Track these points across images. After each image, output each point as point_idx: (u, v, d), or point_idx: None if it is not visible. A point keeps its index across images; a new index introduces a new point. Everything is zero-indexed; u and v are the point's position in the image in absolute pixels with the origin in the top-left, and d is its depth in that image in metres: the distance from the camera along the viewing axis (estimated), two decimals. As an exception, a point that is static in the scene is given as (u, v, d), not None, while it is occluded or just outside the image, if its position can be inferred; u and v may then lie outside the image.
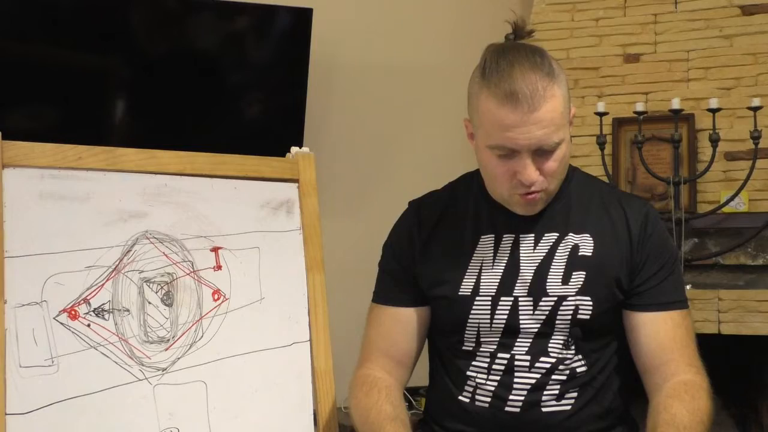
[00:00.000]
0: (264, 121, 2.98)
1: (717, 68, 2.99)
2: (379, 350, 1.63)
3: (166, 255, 1.59)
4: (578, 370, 1.53)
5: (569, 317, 1.51)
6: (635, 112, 2.80)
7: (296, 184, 1.73)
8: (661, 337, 1.53)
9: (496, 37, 1.60)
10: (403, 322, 1.63)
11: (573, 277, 1.52)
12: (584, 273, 1.53)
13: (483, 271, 1.56)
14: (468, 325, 1.56)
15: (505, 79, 1.43)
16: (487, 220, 1.60)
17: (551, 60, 1.48)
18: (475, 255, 1.58)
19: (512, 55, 1.47)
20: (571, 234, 1.56)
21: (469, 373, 1.56)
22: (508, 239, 1.57)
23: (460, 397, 1.57)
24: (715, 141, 2.75)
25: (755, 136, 2.71)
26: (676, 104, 2.76)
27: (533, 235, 1.56)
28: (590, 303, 1.52)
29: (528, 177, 1.46)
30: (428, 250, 1.61)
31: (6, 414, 1.40)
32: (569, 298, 1.52)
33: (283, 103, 2.99)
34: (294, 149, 1.76)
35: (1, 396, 1.40)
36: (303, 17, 2.92)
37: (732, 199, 2.79)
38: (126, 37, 2.79)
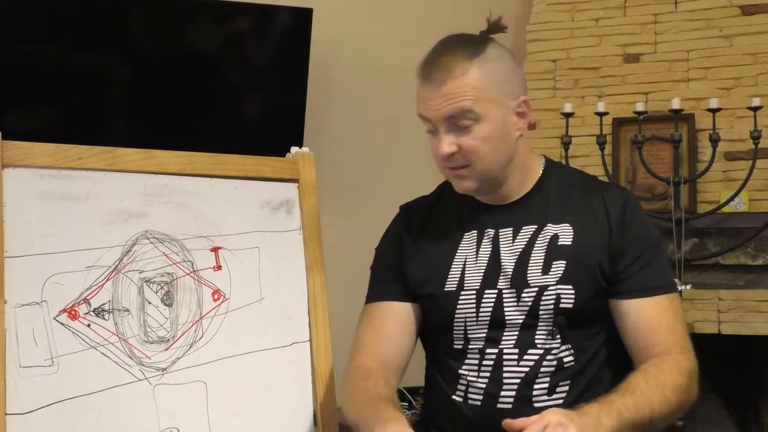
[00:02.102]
0: (264, 121, 2.98)
1: (717, 68, 2.99)
2: (369, 346, 1.63)
3: (166, 255, 1.59)
4: (565, 360, 1.54)
5: (551, 307, 1.53)
6: (635, 112, 2.80)
7: (296, 184, 1.73)
8: (647, 321, 1.54)
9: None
10: (394, 316, 1.63)
11: (553, 266, 1.54)
12: (564, 262, 1.54)
13: (467, 266, 1.59)
14: (455, 320, 1.57)
15: (427, 58, 1.55)
16: (470, 217, 1.62)
17: (490, 47, 1.57)
18: (459, 251, 1.60)
19: (449, 39, 1.59)
20: (549, 225, 1.58)
21: (460, 371, 1.57)
22: (489, 234, 1.60)
23: (454, 397, 1.58)
24: (715, 141, 2.75)
25: (755, 136, 2.71)
26: (676, 104, 2.76)
27: (512, 228, 1.59)
28: (572, 291, 1.53)
29: (437, 148, 1.54)
30: (415, 251, 1.64)
31: (6, 414, 1.40)
32: (550, 288, 1.53)
33: (283, 103, 2.99)
34: (294, 149, 1.76)
35: (1, 396, 1.40)
36: (303, 17, 2.92)
37: (732, 199, 2.79)
38: (126, 37, 2.79)
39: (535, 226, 1.58)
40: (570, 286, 1.53)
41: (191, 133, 2.83)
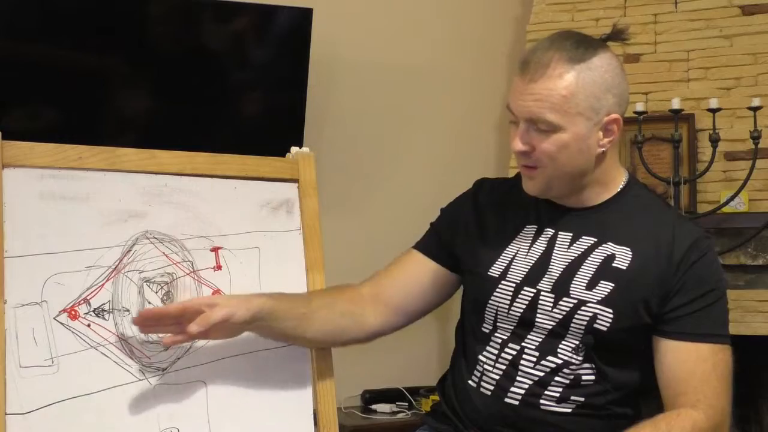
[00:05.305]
0: (264, 120, 2.98)
1: (717, 68, 2.99)
2: (378, 276, 1.70)
3: (166, 255, 1.59)
4: (584, 377, 1.53)
5: (584, 323, 1.51)
6: (635, 112, 2.79)
7: (296, 184, 1.73)
8: (681, 368, 1.50)
9: (496, 36, 1.62)
10: (417, 265, 1.69)
11: (600, 285, 1.52)
12: (613, 285, 1.51)
13: (516, 258, 1.59)
14: (488, 306, 1.58)
15: (532, 49, 1.51)
16: (535, 212, 1.62)
17: (599, 56, 1.49)
18: (514, 242, 1.61)
19: (561, 36, 1.53)
20: (610, 243, 1.54)
21: (480, 357, 1.59)
22: (547, 233, 1.59)
23: (469, 382, 1.60)
24: (715, 141, 2.75)
25: (755, 136, 2.71)
26: (676, 104, 2.76)
27: (571, 234, 1.57)
28: (611, 315, 1.50)
29: (513, 142, 1.52)
30: (475, 227, 1.65)
31: (6, 414, 1.40)
32: (589, 305, 1.51)
33: (283, 102, 2.98)
34: (294, 149, 1.76)
35: (1, 396, 1.40)
36: (303, 17, 2.92)
37: (732, 199, 2.79)
38: (126, 37, 2.78)
39: (595, 239, 1.55)
40: (610, 310, 1.50)
41: (191, 133, 2.83)
